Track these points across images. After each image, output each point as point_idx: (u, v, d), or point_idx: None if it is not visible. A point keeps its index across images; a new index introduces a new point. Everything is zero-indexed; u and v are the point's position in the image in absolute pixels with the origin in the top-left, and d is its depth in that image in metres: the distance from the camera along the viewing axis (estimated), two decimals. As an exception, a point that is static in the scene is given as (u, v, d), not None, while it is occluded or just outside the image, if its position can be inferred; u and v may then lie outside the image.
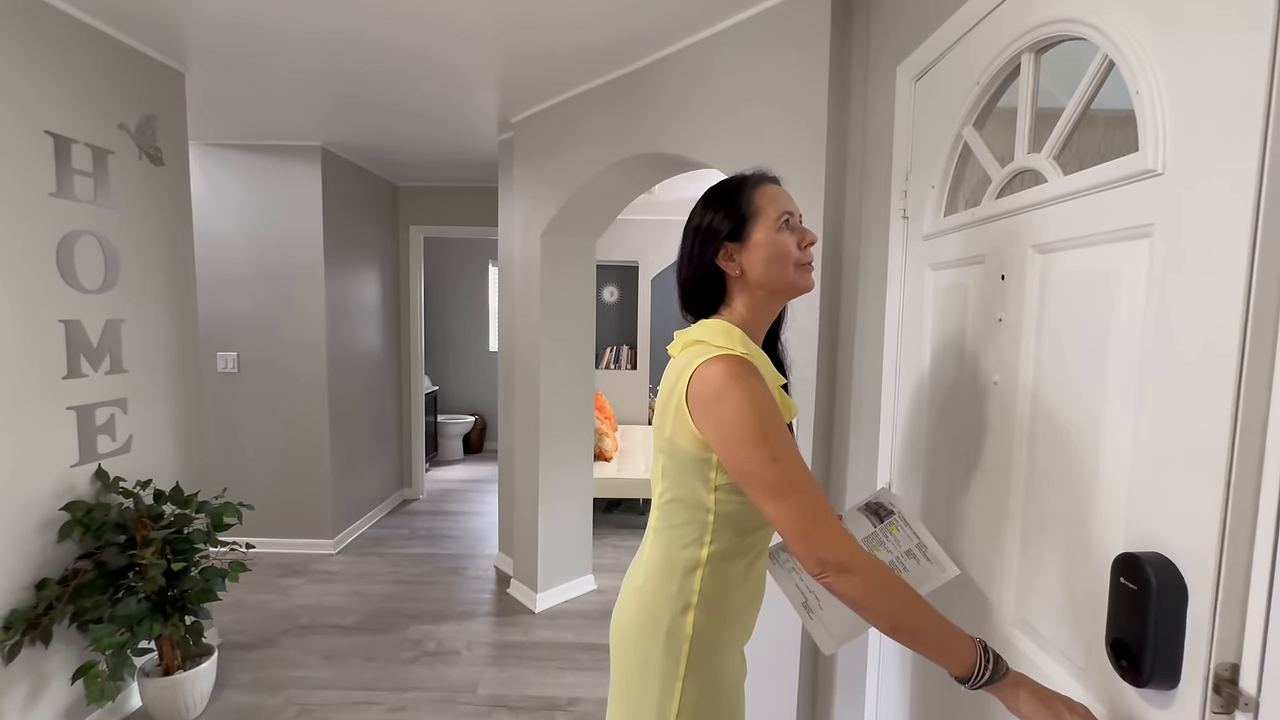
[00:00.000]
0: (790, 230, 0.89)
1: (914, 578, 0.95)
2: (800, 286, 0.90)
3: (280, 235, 3.21)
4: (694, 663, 0.87)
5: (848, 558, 0.73)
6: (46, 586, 1.71)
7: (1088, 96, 0.80)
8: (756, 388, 0.79)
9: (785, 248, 0.88)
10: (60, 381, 1.78)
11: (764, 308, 0.92)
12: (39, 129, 1.70)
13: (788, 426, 0.85)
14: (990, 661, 0.71)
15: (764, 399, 0.79)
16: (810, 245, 0.91)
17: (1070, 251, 0.80)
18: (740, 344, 0.86)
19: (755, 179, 0.92)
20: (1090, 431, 0.75)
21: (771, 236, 0.88)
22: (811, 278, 0.92)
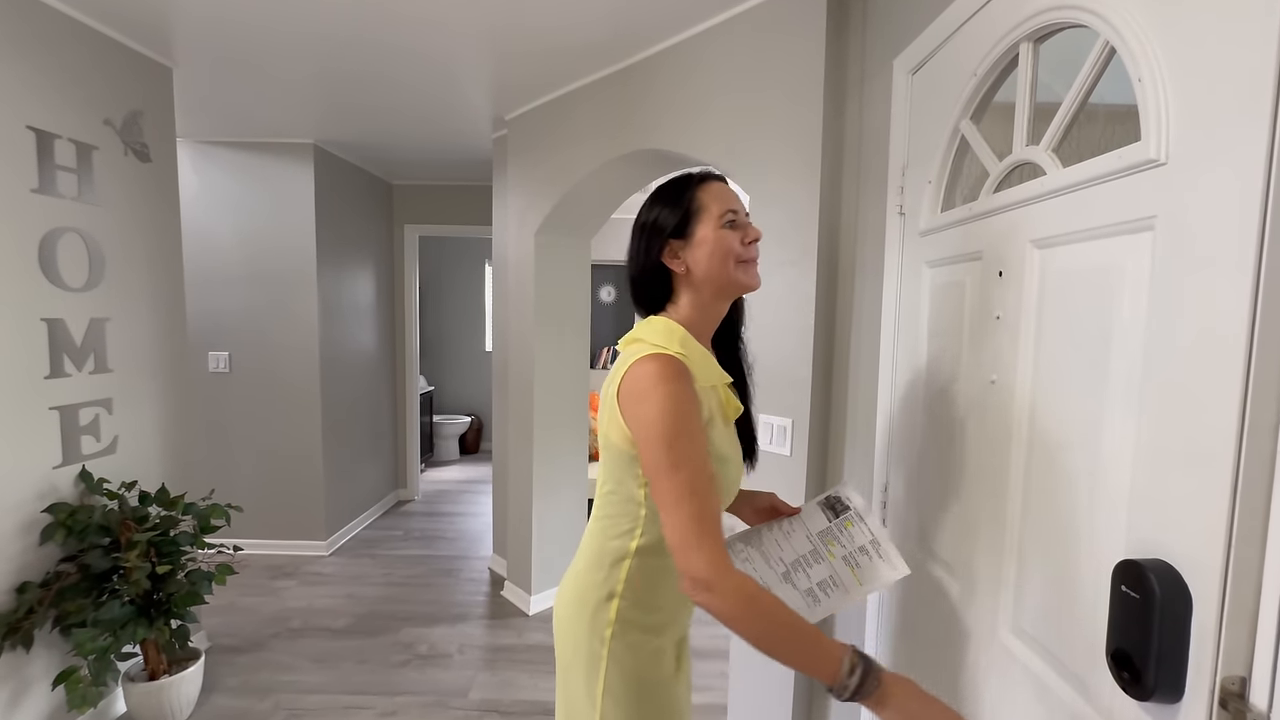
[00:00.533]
0: (734, 228, 0.89)
1: (866, 574, 0.95)
2: (743, 283, 0.91)
3: (273, 234, 3.18)
4: (616, 649, 0.88)
5: (714, 578, 0.73)
6: (28, 590, 1.67)
7: (1088, 85, 0.77)
8: (679, 391, 0.79)
9: (728, 244, 0.88)
10: (43, 381, 1.75)
11: (710, 305, 0.93)
12: (20, 123, 1.67)
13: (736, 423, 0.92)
14: (858, 677, 0.70)
15: (684, 404, 0.79)
16: (753, 242, 0.91)
17: (1070, 246, 0.77)
18: (679, 343, 0.86)
19: (700, 177, 0.93)
20: (1090, 432, 0.72)
21: (715, 233, 0.88)
22: (756, 275, 0.92)
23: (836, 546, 0.98)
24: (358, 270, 3.69)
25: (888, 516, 1.32)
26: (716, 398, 0.89)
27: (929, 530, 1.15)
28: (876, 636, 1.37)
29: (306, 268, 3.20)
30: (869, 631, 1.39)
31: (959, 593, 1.02)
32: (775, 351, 1.68)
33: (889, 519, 1.32)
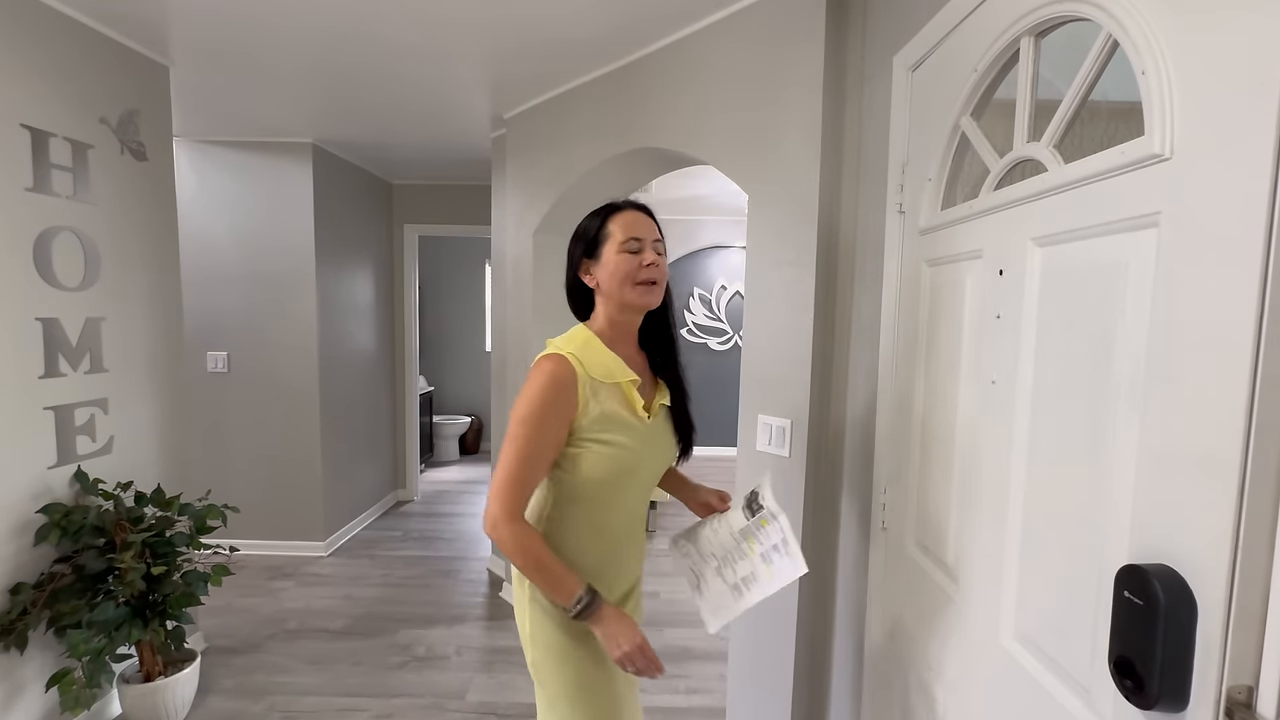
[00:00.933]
0: (634, 253, 1.03)
1: (777, 570, 1.04)
2: (636, 303, 1.05)
3: (271, 233, 3.17)
4: (536, 594, 1.06)
5: (500, 521, 0.95)
6: (21, 591, 1.66)
7: (1090, 80, 0.76)
8: (547, 385, 0.97)
9: (625, 267, 1.03)
10: (37, 381, 1.74)
11: (618, 317, 1.08)
12: (15, 122, 1.66)
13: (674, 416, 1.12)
14: (583, 605, 0.95)
15: (546, 397, 0.97)
16: (650, 266, 1.04)
17: (1072, 244, 0.76)
18: (578, 347, 1.03)
19: (616, 206, 1.09)
20: (1092, 434, 0.71)
21: (615, 257, 1.03)
22: (652, 294, 1.05)
23: (755, 544, 1.07)
24: (357, 270, 3.68)
25: (886, 518, 1.31)
26: (619, 394, 1.03)
27: (928, 532, 1.13)
28: (878, 630, 1.35)
29: (305, 267, 3.19)
30: (868, 630, 1.38)
31: (959, 596, 1.00)
32: (774, 352, 1.66)
33: (887, 520, 1.30)
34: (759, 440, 1.71)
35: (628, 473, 1.04)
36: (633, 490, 1.08)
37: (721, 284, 5.69)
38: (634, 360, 1.10)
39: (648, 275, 1.04)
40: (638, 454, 1.04)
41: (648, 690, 2.17)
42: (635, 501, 1.10)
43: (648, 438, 1.06)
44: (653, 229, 1.08)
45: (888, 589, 1.30)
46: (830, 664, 1.62)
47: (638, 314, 1.09)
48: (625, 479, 1.05)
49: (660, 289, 1.08)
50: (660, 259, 1.07)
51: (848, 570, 1.53)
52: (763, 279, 1.69)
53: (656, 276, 1.05)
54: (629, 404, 1.04)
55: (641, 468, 1.07)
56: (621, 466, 1.03)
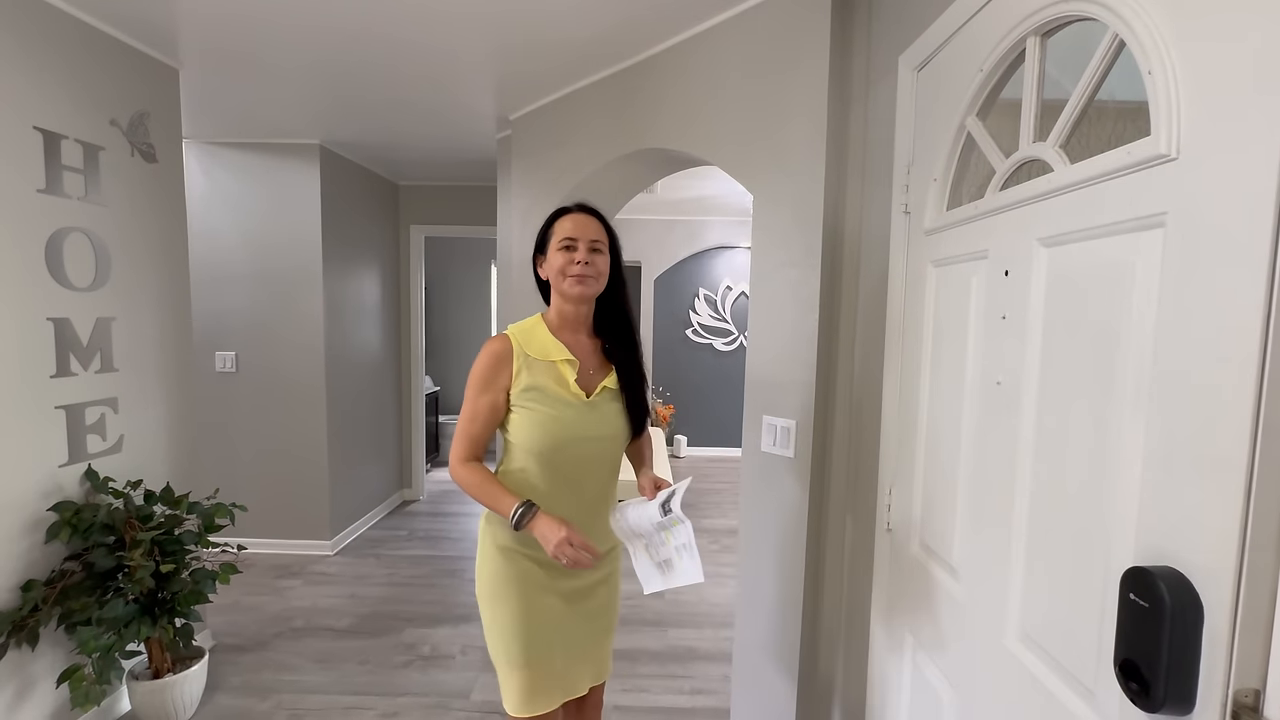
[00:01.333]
0: (569, 250, 1.18)
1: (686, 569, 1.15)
2: (570, 293, 1.20)
3: (279, 234, 3.20)
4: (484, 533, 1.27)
5: (453, 464, 1.19)
6: (32, 588, 1.68)
7: (1096, 79, 0.75)
8: (486, 357, 1.18)
9: (559, 263, 1.19)
10: (49, 380, 1.76)
11: (564, 306, 1.23)
12: (27, 124, 1.68)
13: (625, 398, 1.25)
14: (520, 513, 1.10)
15: (483, 368, 1.18)
16: (578, 263, 1.17)
17: (1077, 244, 0.76)
18: (525, 328, 1.22)
19: (562, 210, 1.24)
20: (1098, 435, 0.70)
21: (554, 254, 1.20)
22: (583, 288, 1.19)
23: (671, 537, 1.17)
24: (363, 271, 3.70)
25: (891, 519, 1.30)
26: (554, 371, 1.19)
27: (933, 533, 1.13)
28: (883, 631, 1.35)
29: (312, 268, 3.21)
30: (873, 631, 1.37)
31: (964, 597, 1.00)
32: (778, 352, 1.66)
33: (892, 521, 1.30)
34: (764, 441, 1.71)
35: (562, 443, 1.17)
36: (576, 463, 1.20)
37: (727, 284, 5.68)
38: (582, 345, 1.25)
39: (577, 270, 1.18)
40: (569, 426, 1.17)
41: (651, 690, 2.17)
42: (581, 474, 1.21)
43: (585, 413, 1.19)
44: (590, 230, 1.21)
45: (892, 589, 1.30)
46: (835, 665, 1.62)
47: (579, 304, 1.23)
48: (561, 449, 1.18)
49: (594, 282, 1.20)
50: (596, 256, 1.19)
51: (852, 571, 1.52)
52: (768, 279, 1.69)
53: (586, 272, 1.18)
54: (561, 380, 1.18)
55: (577, 440, 1.18)
56: (551, 434, 1.16)
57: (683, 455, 5.80)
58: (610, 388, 1.23)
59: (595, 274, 1.19)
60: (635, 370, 1.26)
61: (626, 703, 2.11)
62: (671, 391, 5.82)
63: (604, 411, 1.22)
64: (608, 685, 2.18)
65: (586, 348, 1.25)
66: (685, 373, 5.81)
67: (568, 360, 1.19)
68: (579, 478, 1.21)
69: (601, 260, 1.21)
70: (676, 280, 5.71)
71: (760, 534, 1.75)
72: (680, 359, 5.79)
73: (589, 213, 1.24)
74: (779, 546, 1.68)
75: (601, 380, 1.23)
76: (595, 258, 1.19)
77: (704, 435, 5.89)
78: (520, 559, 1.20)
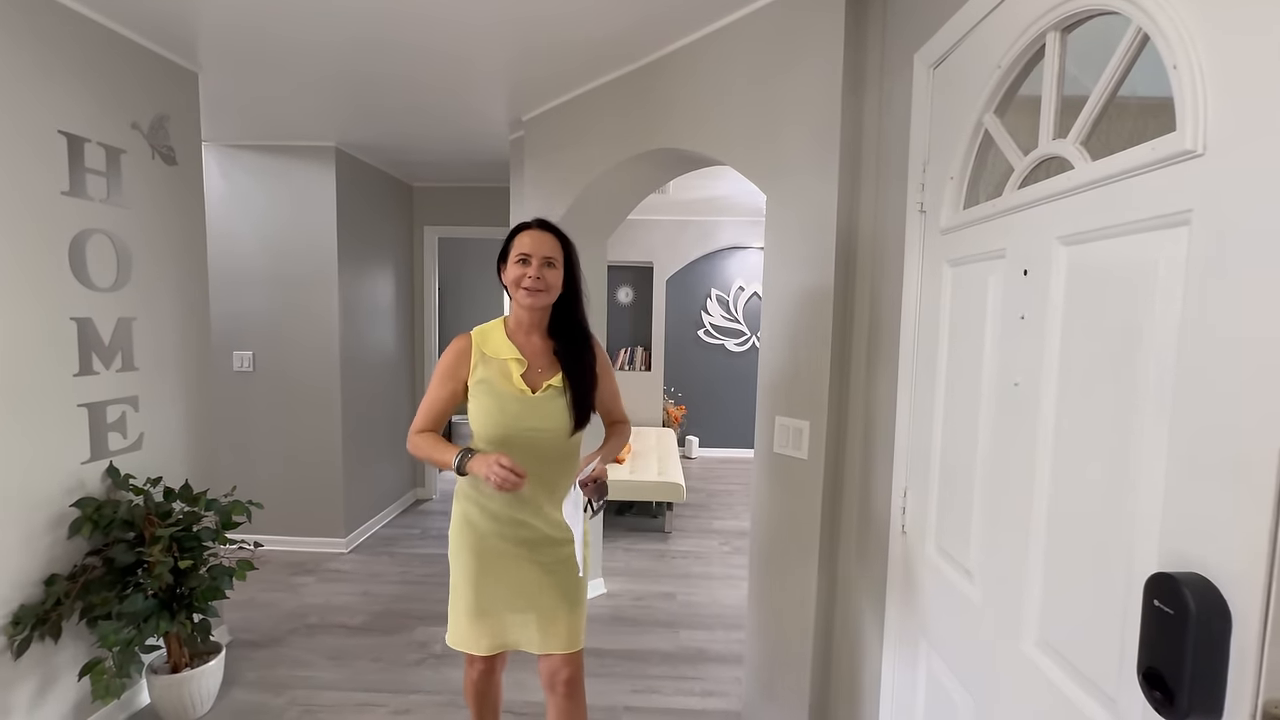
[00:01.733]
0: (523, 265, 1.34)
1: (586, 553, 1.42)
2: (522, 303, 1.37)
3: (295, 235, 3.24)
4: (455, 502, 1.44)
5: (410, 436, 1.40)
6: (55, 583, 1.71)
7: (1119, 75, 0.74)
8: (449, 351, 1.39)
9: (513, 275, 1.36)
10: (72, 379, 1.79)
11: (519, 311, 1.40)
12: (52, 128, 1.71)
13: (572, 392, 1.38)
14: (460, 459, 1.29)
15: (447, 357, 1.38)
16: (530, 278, 1.33)
17: (1098, 243, 0.74)
18: (486, 329, 1.42)
19: (521, 226, 1.39)
20: (1120, 438, 0.69)
21: (510, 267, 1.37)
22: (532, 300, 1.35)
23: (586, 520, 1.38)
24: (378, 271, 3.74)
25: (906, 521, 1.29)
26: (504, 367, 1.36)
27: (948, 535, 1.11)
28: (897, 635, 1.33)
29: (328, 269, 3.24)
30: (887, 634, 1.36)
31: (980, 600, 0.99)
32: (791, 353, 1.65)
33: (907, 523, 1.28)
34: (776, 442, 1.70)
35: (510, 432, 1.33)
36: (525, 450, 1.32)
37: (739, 285, 5.66)
38: (534, 346, 1.40)
39: (528, 284, 1.34)
40: (514, 416, 1.34)
41: (662, 692, 2.17)
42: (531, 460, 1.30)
43: (529, 406, 1.35)
44: (544, 247, 1.35)
45: (906, 592, 1.28)
46: (848, 668, 1.60)
47: (532, 311, 1.38)
48: (509, 437, 1.33)
49: (544, 295, 1.35)
50: (548, 271, 1.35)
51: (865, 573, 1.51)
52: (781, 279, 1.68)
53: (537, 285, 1.34)
54: (507, 376, 1.35)
55: (522, 430, 1.34)
56: (498, 423, 1.33)
57: (694, 456, 5.78)
58: (555, 385, 1.37)
59: (545, 287, 1.35)
60: (580, 370, 1.39)
61: (638, 703, 2.11)
62: (683, 392, 5.81)
63: (548, 407, 1.36)
64: (616, 685, 2.19)
65: (538, 348, 1.40)
66: (697, 373, 5.80)
67: (515, 359, 1.37)
68: (529, 464, 1.29)
69: (553, 274, 1.36)
70: (689, 281, 5.70)
71: (772, 535, 1.74)
72: (692, 360, 5.78)
73: (547, 229, 1.39)
74: (791, 548, 1.67)
75: (548, 379, 1.37)
76: (547, 272, 1.34)
77: (716, 436, 5.87)
78: (476, 531, 1.39)
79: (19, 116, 1.62)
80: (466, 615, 1.40)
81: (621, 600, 2.86)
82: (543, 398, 1.35)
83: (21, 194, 1.64)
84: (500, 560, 1.39)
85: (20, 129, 1.63)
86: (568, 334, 1.42)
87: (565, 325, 1.43)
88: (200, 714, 1.99)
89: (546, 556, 1.40)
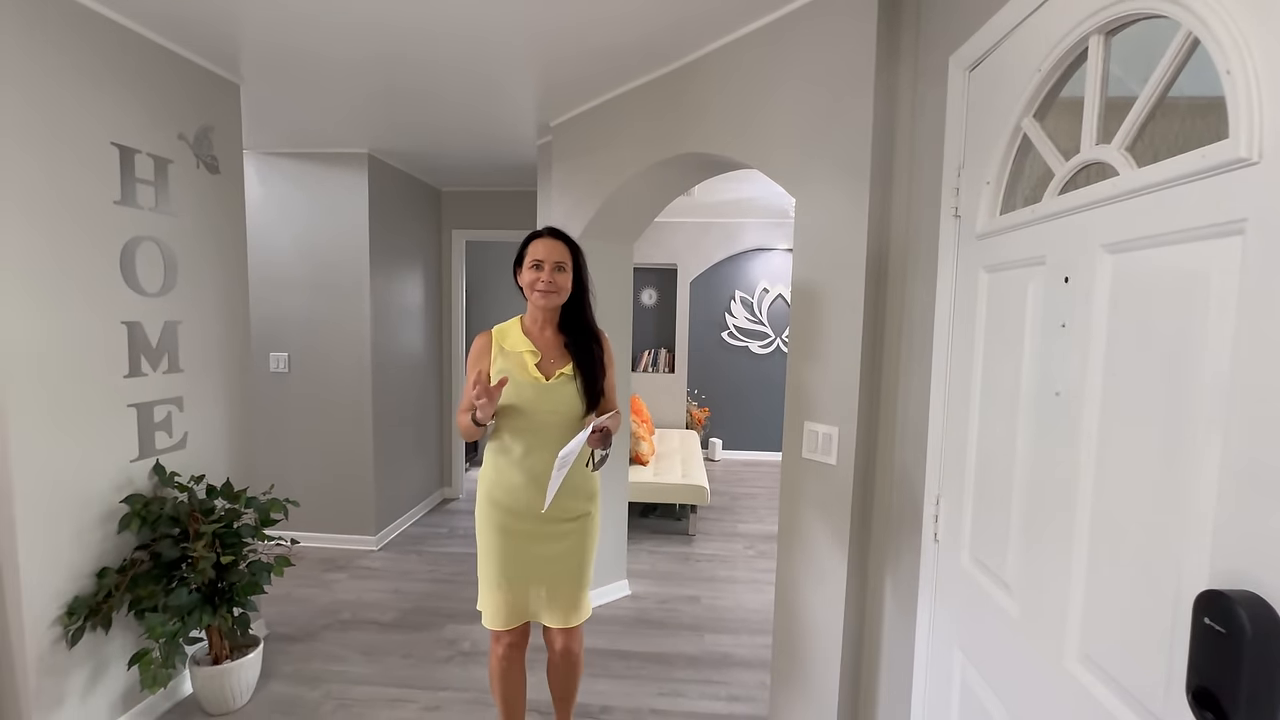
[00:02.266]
0: (536, 269, 1.53)
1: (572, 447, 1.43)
2: (537, 304, 1.56)
3: (330, 240, 3.32)
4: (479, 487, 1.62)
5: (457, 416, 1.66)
6: (106, 575, 1.79)
7: (1167, 79, 0.72)
8: (474, 349, 1.59)
9: (528, 279, 1.54)
10: (122, 380, 1.87)
11: (534, 310, 1.59)
12: (105, 140, 1.79)
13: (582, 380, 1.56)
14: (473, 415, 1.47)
15: (473, 354, 1.59)
16: (543, 281, 1.52)
17: (1146, 251, 0.73)
18: (505, 326, 1.61)
19: (535, 234, 1.57)
20: (1169, 450, 0.67)
21: (525, 271, 1.55)
22: (545, 301, 1.54)
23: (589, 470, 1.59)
24: (407, 275, 3.81)
25: (939, 530, 1.27)
26: (520, 359, 1.54)
27: (984, 546, 1.10)
28: (929, 647, 1.31)
29: (360, 272, 3.32)
30: (918, 645, 1.34)
31: (1018, 613, 0.97)
32: (820, 357, 1.64)
33: (940, 532, 1.27)
34: (804, 447, 1.69)
35: (524, 415, 1.52)
36: (538, 431, 1.52)
37: (764, 286, 5.63)
38: (547, 339, 1.59)
39: (541, 286, 1.52)
40: (529, 401, 1.51)
41: (687, 695, 2.17)
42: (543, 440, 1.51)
43: (542, 392, 1.52)
44: (555, 253, 1.53)
45: (940, 603, 1.27)
46: (878, 678, 1.58)
47: (545, 310, 1.57)
48: (525, 419, 1.52)
49: (555, 296, 1.54)
50: (559, 275, 1.53)
51: (896, 582, 1.49)
52: (810, 283, 1.67)
53: (549, 288, 1.52)
54: (523, 366, 1.53)
55: (536, 413, 1.52)
56: (514, 407, 1.51)
57: (718, 458, 5.77)
58: (566, 374, 1.55)
59: (556, 289, 1.53)
60: (589, 360, 1.57)
61: (663, 706, 2.11)
62: (707, 394, 5.79)
63: (560, 392, 1.53)
64: (642, 687, 2.20)
65: (551, 342, 1.59)
66: (721, 375, 5.78)
67: (530, 351, 1.55)
68: (541, 443, 1.51)
69: (563, 277, 1.54)
70: (713, 282, 5.69)
71: (799, 541, 1.73)
72: (716, 362, 5.76)
73: (558, 237, 1.56)
74: (819, 554, 1.66)
75: (560, 368, 1.55)
76: (558, 276, 1.53)
77: (740, 439, 5.84)
78: (498, 507, 1.57)
79: (75, 129, 1.70)
80: (491, 587, 1.59)
81: (646, 602, 2.86)
82: (555, 384, 1.53)
83: (78, 204, 1.72)
84: (517, 535, 1.56)
85: (76, 141, 1.71)
86: (577, 329, 1.60)
87: (575, 321, 1.61)
88: (240, 705, 2.06)
89: (558, 530, 1.58)
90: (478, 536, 1.62)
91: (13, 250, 1.56)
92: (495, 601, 1.59)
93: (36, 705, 1.65)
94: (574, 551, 1.61)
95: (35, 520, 1.63)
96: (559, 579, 1.60)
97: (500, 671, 1.67)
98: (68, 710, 1.73)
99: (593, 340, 1.60)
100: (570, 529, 1.60)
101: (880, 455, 1.58)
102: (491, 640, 1.66)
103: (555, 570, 1.59)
